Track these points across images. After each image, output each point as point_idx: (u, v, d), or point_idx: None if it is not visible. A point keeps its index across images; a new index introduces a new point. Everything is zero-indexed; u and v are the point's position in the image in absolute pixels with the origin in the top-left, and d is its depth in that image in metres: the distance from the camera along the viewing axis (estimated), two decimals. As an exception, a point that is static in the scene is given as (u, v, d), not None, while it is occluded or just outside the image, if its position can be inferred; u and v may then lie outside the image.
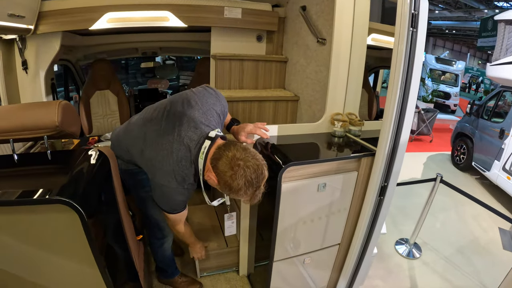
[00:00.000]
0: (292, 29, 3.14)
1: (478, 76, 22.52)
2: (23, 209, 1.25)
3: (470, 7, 18.10)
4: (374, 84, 3.76)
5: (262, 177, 1.55)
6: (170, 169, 1.64)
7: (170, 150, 1.64)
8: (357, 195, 2.00)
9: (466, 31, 23.35)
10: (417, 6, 1.56)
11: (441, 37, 28.27)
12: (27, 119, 1.48)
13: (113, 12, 2.74)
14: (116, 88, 3.96)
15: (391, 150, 1.78)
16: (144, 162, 1.75)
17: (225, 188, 1.57)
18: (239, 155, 1.52)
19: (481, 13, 17.86)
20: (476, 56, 29.73)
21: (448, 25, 23.33)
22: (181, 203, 1.81)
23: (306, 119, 2.90)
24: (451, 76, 15.00)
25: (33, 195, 1.21)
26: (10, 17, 2.16)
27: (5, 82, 2.76)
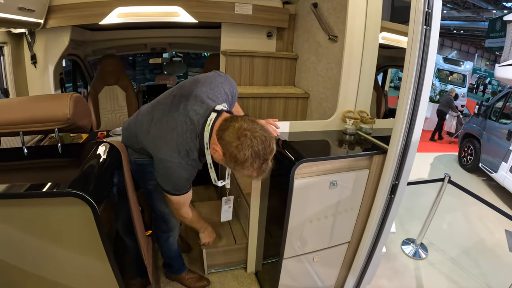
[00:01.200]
0: (302, 26, 3.14)
1: (485, 77, 22.37)
2: (35, 201, 1.25)
3: (478, 7, 17.97)
4: (383, 83, 3.75)
5: (270, 149, 1.48)
6: (174, 144, 1.60)
7: (175, 124, 1.60)
8: (368, 193, 1.99)
9: (474, 31, 23.19)
10: (430, 4, 1.55)
11: (449, 37, 28.09)
12: (38, 111, 1.48)
13: (124, 6, 2.74)
14: (124, 83, 3.97)
15: (402, 149, 1.77)
16: (149, 142, 1.70)
17: (230, 160, 1.49)
18: (246, 126, 1.46)
19: (489, 14, 17.75)
20: (484, 56, 29.53)
21: (456, 25, 23.18)
22: (185, 181, 1.71)
23: (316, 117, 2.89)
24: (459, 77, 14.90)
25: (45, 188, 1.21)
26: (20, 10, 2.17)
27: (14, 76, 2.78)
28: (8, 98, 2.79)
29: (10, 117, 1.48)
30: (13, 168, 1.55)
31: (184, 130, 1.60)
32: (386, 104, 3.57)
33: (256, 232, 2.41)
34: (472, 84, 21.51)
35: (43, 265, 1.44)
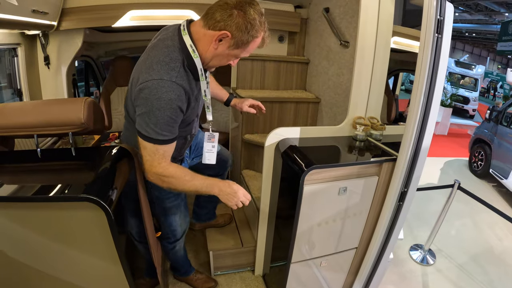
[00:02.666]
0: (314, 31, 3.14)
1: (497, 81, 22.12)
2: (51, 205, 1.28)
3: (490, 10, 17.77)
4: (394, 87, 3.75)
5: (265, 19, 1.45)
6: (152, 63, 1.42)
7: (149, 55, 1.47)
8: (377, 199, 1.99)
9: (486, 34, 22.95)
10: (442, 11, 1.55)
11: (461, 40, 27.83)
12: (53, 115, 1.51)
13: (136, 10, 2.77)
14: None
15: (412, 156, 1.77)
16: (133, 91, 1.49)
17: (240, 30, 1.38)
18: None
19: (501, 16, 17.56)
20: (496, 60, 29.17)
21: (468, 28, 22.95)
22: (166, 119, 1.43)
23: (327, 122, 2.90)
24: (471, 81, 14.78)
25: (60, 192, 1.24)
26: (33, 13, 2.21)
27: (28, 77, 2.83)
28: (23, 100, 2.85)
29: (25, 120, 1.51)
30: (29, 170, 1.58)
31: (161, 49, 1.46)
32: (396, 108, 3.57)
33: (264, 236, 2.43)
34: (484, 88, 21.28)
35: (57, 265, 1.47)
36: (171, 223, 2.07)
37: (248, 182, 2.86)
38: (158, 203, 1.94)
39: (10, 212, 1.30)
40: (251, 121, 3.01)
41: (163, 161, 1.52)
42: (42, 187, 1.33)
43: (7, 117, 1.53)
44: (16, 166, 1.62)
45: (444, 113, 10.12)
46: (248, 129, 2.99)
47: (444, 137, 9.86)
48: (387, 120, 3.31)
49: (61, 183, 1.33)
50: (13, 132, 1.59)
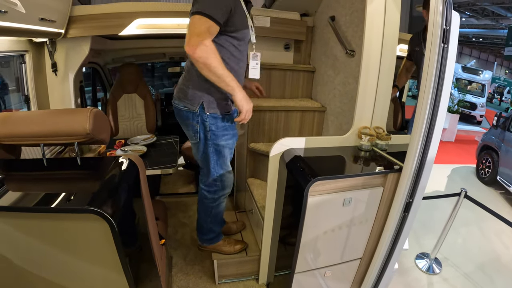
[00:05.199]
0: (320, 39, 3.14)
1: (505, 86, 22.00)
2: (54, 215, 1.29)
3: (497, 15, 17.70)
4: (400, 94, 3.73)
5: None
6: None
7: None
8: (382, 210, 1.98)
9: (493, 39, 22.84)
10: (448, 21, 1.54)
11: (468, 45, 27.71)
12: (59, 125, 1.52)
13: (143, 18, 2.80)
14: (143, 91, 4.04)
15: (417, 167, 1.76)
16: None
17: None
18: None
19: (508, 21, 17.46)
20: (503, 65, 29.01)
21: (475, 33, 22.86)
22: (219, 2, 1.79)
23: (332, 131, 2.89)
24: (478, 86, 14.71)
25: (65, 203, 1.25)
26: (41, 21, 2.24)
27: (35, 83, 2.87)
28: (30, 106, 2.88)
29: (31, 129, 1.53)
30: (35, 179, 1.60)
31: None
32: (403, 116, 3.55)
33: (269, 244, 2.42)
34: (491, 93, 21.17)
35: (61, 274, 1.48)
36: (222, 166, 2.29)
37: (253, 191, 2.86)
38: (212, 139, 2.16)
39: (16, 221, 1.32)
40: (256, 129, 3.00)
41: (208, 36, 1.78)
42: (47, 197, 1.34)
43: (14, 126, 1.54)
44: (23, 174, 1.64)
45: (451, 120, 10.06)
46: (254, 137, 2.98)
47: (451, 144, 9.80)
48: (393, 128, 3.29)
49: (66, 194, 1.34)
50: (20, 141, 1.61)
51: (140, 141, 3.21)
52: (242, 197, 3.26)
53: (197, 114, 2.10)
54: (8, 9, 1.84)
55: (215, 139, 2.18)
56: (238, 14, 1.95)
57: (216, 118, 2.13)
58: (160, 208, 2.54)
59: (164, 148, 3.14)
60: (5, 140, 1.58)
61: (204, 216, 2.48)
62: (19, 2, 1.90)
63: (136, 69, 3.99)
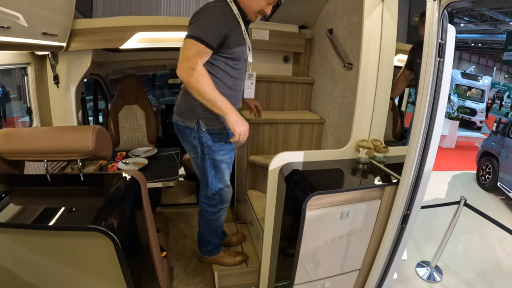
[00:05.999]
0: (318, 51, 3.18)
1: (504, 91, 22.02)
2: (59, 232, 1.32)
3: (495, 20, 17.78)
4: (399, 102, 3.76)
5: None
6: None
7: None
8: (379, 222, 2.00)
9: (492, 44, 22.93)
10: (443, 35, 1.57)
11: (467, 50, 27.78)
12: (62, 142, 1.55)
13: (144, 32, 2.83)
14: (144, 103, 4.08)
15: (415, 180, 1.79)
16: None
17: None
18: None
19: (507, 26, 17.51)
20: (502, 69, 29.05)
21: (474, 38, 22.94)
22: (212, 22, 1.90)
23: (331, 143, 2.92)
24: (477, 92, 14.74)
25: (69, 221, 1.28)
26: (43, 35, 2.28)
27: (37, 95, 2.91)
28: (32, 121, 2.93)
29: (35, 146, 1.56)
30: (39, 195, 1.63)
31: None
32: (402, 124, 3.57)
33: (269, 256, 2.43)
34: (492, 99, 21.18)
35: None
36: (220, 180, 2.34)
37: (253, 203, 2.88)
38: (209, 154, 2.22)
39: (21, 237, 1.35)
40: (256, 142, 3.03)
41: (199, 59, 1.85)
42: (52, 214, 1.36)
43: (18, 142, 1.58)
44: (28, 189, 1.67)
45: (451, 126, 10.07)
46: (254, 150, 3.01)
47: (452, 150, 9.82)
48: (392, 136, 3.32)
49: (70, 211, 1.38)
50: (24, 157, 1.65)
51: (141, 153, 3.24)
52: (242, 208, 3.28)
53: (194, 130, 2.15)
54: (11, 24, 1.88)
55: (211, 154, 2.23)
56: (235, 35, 2.03)
57: (212, 134, 2.17)
58: (161, 220, 2.57)
59: (165, 161, 3.17)
60: (9, 156, 1.62)
61: (204, 228, 2.52)
62: (21, 15, 1.94)
63: (137, 80, 4.02)
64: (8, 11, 1.82)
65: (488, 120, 14.74)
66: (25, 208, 1.47)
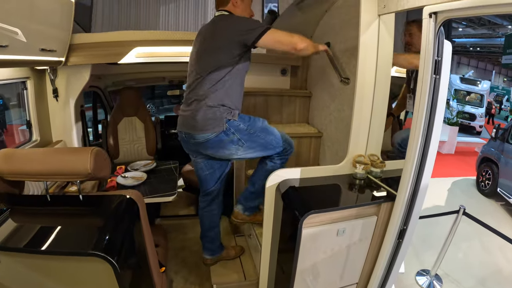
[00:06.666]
0: (316, 65, 3.19)
1: (503, 95, 22.03)
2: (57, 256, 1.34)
3: (493, 24, 17.86)
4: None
5: None
6: None
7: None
8: (376, 238, 2.01)
9: (491, 48, 22.94)
10: (440, 52, 1.58)
11: (465, 55, 27.83)
12: (61, 165, 1.57)
13: (142, 46, 2.84)
14: (143, 115, 4.10)
15: (411, 195, 1.80)
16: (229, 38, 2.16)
17: None
18: None
19: (505, 29, 17.58)
20: (501, 73, 29.06)
21: (472, 43, 22.99)
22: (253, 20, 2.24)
23: (329, 156, 2.92)
24: (476, 97, 14.74)
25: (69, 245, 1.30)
26: (42, 51, 2.28)
27: (37, 109, 2.91)
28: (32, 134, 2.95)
29: (34, 168, 1.58)
30: (38, 216, 1.64)
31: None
32: (400, 132, 3.57)
33: (267, 270, 2.43)
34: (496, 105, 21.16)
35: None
36: (273, 133, 2.40)
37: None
38: (253, 130, 2.30)
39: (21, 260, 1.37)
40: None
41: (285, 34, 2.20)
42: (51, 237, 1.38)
43: (18, 164, 1.60)
44: (27, 210, 1.69)
45: (451, 132, 10.06)
46: (251, 164, 3.00)
47: (451, 156, 9.81)
48: (391, 146, 3.32)
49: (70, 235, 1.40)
50: (23, 178, 1.67)
51: (140, 167, 3.26)
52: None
53: (228, 128, 2.19)
54: (9, 42, 1.88)
55: (253, 128, 2.30)
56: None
57: (240, 118, 2.27)
58: (160, 234, 2.58)
59: (164, 175, 3.17)
60: (9, 177, 1.63)
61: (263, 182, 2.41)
62: (19, 31, 1.94)
63: (136, 92, 4.05)
64: (8, 27, 1.83)
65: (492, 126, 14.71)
66: (25, 230, 1.49)
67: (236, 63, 2.18)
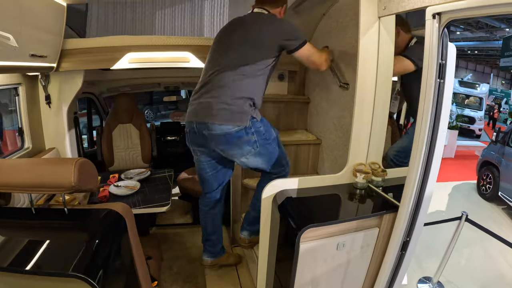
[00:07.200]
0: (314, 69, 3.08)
1: (502, 98, 22.08)
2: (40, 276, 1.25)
3: (491, 27, 17.90)
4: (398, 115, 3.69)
5: None
6: None
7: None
8: (378, 250, 1.93)
9: (489, 51, 23.02)
10: (444, 55, 1.51)
11: (464, 58, 27.89)
12: (43, 177, 1.48)
13: (135, 52, 2.77)
14: (138, 121, 4.01)
15: (415, 205, 1.72)
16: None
17: None
18: None
19: (502, 32, 17.62)
20: (499, 75, 29.16)
21: (470, 46, 23.02)
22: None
23: (328, 164, 2.83)
24: (475, 100, 14.77)
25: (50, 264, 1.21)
26: (32, 57, 2.21)
27: (29, 116, 2.82)
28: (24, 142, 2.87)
29: (16, 180, 1.49)
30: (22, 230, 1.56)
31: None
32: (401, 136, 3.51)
33: (264, 282, 2.35)
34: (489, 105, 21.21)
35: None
36: (283, 151, 2.39)
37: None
38: (270, 137, 2.28)
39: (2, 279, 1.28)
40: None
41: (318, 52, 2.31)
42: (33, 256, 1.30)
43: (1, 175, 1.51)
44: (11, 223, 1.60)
45: (450, 136, 10.03)
46: (248, 173, 2.94)
47: (451, 160, 9.77)
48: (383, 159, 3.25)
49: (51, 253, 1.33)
50: (7, 190, 1.58)
51: (134, 176, 3.17)
52: (238, 230, 3.19)
53: (249, 127, 2.13)
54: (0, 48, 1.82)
55: (271, 135, 2.28)
56: None
57: (262, 120, 2.25)
58: (153, 245, 2.50)
59: (158, 183, 3.07)
60: (-8, 188, 1.55)
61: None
62: (11, 36, 1.88)
63: (131, 99, 3.97)
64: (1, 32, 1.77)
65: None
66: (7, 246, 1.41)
67: (270, 63, 2.19)
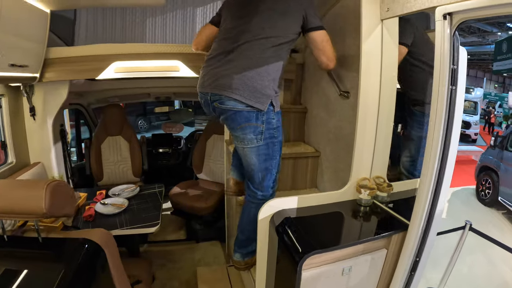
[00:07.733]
0: (311, 77, 2.94)
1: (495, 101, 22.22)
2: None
3: (483, 31, 18.04)
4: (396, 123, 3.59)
5: None
6: None
7: None
8: (386, 272, 1.78)
9: (481, 55, 23.17)
10: (455, 59, 1.40)
11: (457, 63, 28.12)
12: (13, 202, 1.34)
13: (121, 61, 2.67)
14: (128, 133, 3.88)
15: (425, 223, 1.58)
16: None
17: None
18: None
19: (494, 36, 17.75)
20: (492, 79, 29.42)
21: (463, 51, 23.18)
22: None
23: (327, 178, 2.66)
24: (470, 104, 14.80)
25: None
26: (11, 67, 2.10)
27: (12, 129, 2.70)
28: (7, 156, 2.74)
29: None
30: None
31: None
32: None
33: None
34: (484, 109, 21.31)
35: None
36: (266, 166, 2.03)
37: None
38: (278, 137, 2.02)
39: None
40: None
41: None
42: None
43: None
44: None
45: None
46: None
47: (448, 165, 9.68)
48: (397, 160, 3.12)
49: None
50: None
51: (122, 192, 3.01)
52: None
53: (263, 113, 1.89)
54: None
55: (279, 136, 2.03)
56: None
57: (279, 114, 2.01)
58: (142, 267, 2.34)
59: (148, 201, 2.91)
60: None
61: (253, 226, 2.04)
62: None
63: (120, 110, 3.85)
64: None
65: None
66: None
67: (293, 38, 1.98)
